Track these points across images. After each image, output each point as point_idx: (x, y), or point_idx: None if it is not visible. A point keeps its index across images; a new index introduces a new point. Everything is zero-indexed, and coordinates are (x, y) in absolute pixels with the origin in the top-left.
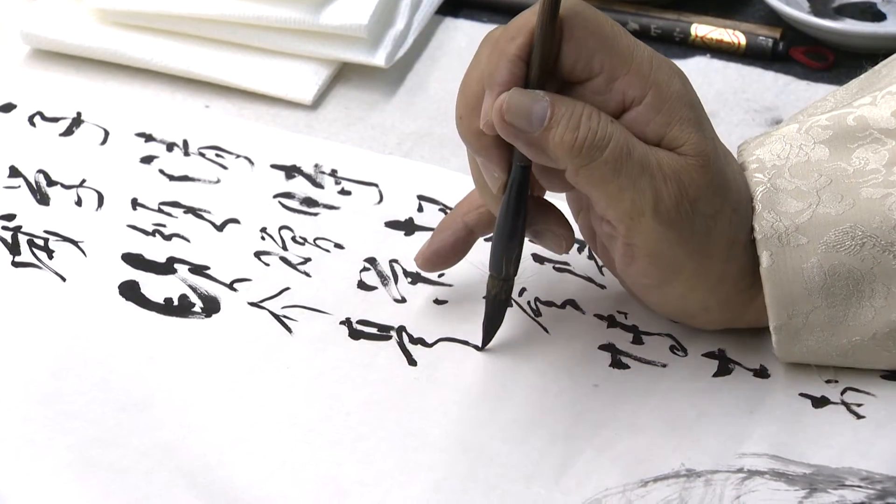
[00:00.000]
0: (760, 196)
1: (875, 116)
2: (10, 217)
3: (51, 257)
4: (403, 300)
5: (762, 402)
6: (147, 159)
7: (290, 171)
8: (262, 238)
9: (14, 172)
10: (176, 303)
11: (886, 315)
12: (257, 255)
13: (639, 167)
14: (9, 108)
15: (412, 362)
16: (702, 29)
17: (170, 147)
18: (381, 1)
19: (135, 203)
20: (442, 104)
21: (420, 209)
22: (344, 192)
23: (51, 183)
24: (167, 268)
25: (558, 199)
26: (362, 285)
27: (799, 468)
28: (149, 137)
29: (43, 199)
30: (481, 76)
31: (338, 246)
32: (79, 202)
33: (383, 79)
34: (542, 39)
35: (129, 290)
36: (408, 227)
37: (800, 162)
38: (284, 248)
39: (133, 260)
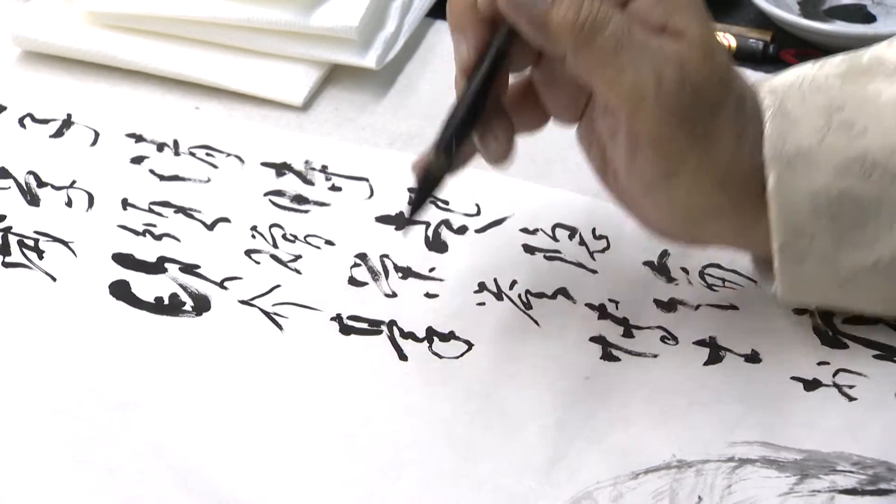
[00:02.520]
0: (770, 117)
1: (890, 56)
2: (1, 218)
3: (41, 257)
4: (394, 295)
5: (753, 388)
6: (137, 160)
7: (281, 169)
8: (253, 236)
9: (4, 174)
10: (166, 302)
11: (891, 243)
12: (248, 253)
13: (639, 49)
14: None
15: (403, 357)
16: None
17: (160, 147)
18: (372, 3)
19: (125, 203)
20: (432, 105)
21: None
22: (334, 189)
23: (41, 184)
24: (158, 267)
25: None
26: (353, 281)
27: (790, 454)
28: (139, 138)
29: (33, 200)
30: None
31: (328, 242)
32: (69, 203)
33: (374, 80)
34: None
35: (120, 290)
36: (398, 221)
37: (813, 89)
38: (275, 245)
39: (123, 260)
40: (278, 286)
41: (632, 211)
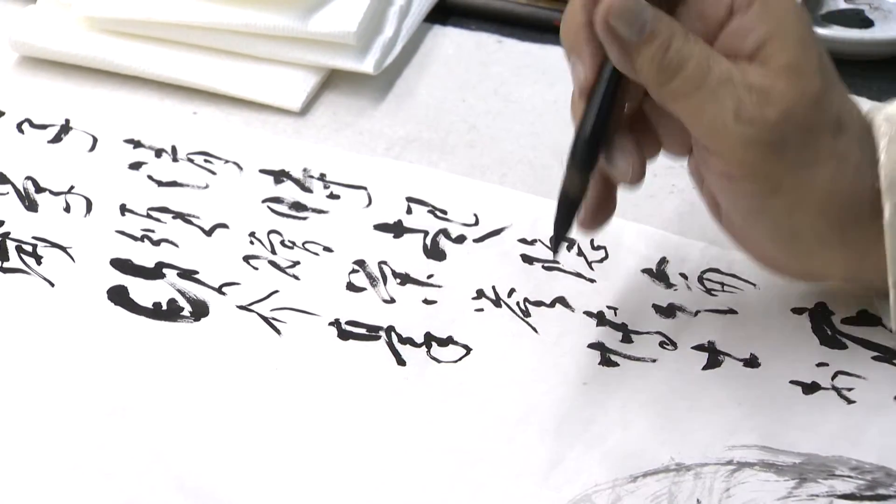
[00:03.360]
0: (885, 146)
1: None
2: None
3: (39, 263)
4: (392, 301)
5: (752, 392)
6: (135, 165)
7: (279, 176)
8: (251, 242)
9: (2, 179)
10: (165, 307)
11: None
12: (246, 259)
13: (718, 83)
14: None
15: (401, 362)
16: None
17: (158, 153)
18: (370, 8)
19: (123, 209)
20: (430, 110)
21: (409, 211)
22: (333, 197)
23: (39, 189)
24: (156, 273)
25: None
26: (351, 287)
27: (789, 458)
28: (137, 144)
29: (31, 206)
30: None
31: (327, 249)
32: (67, 208)
33: (372, 85)
34: None
35: (118, 295)
36: (396, 229)
37: None
38: (273, 251)
39: (122, 265)
40: (276, 292)
41: (745, 247)
